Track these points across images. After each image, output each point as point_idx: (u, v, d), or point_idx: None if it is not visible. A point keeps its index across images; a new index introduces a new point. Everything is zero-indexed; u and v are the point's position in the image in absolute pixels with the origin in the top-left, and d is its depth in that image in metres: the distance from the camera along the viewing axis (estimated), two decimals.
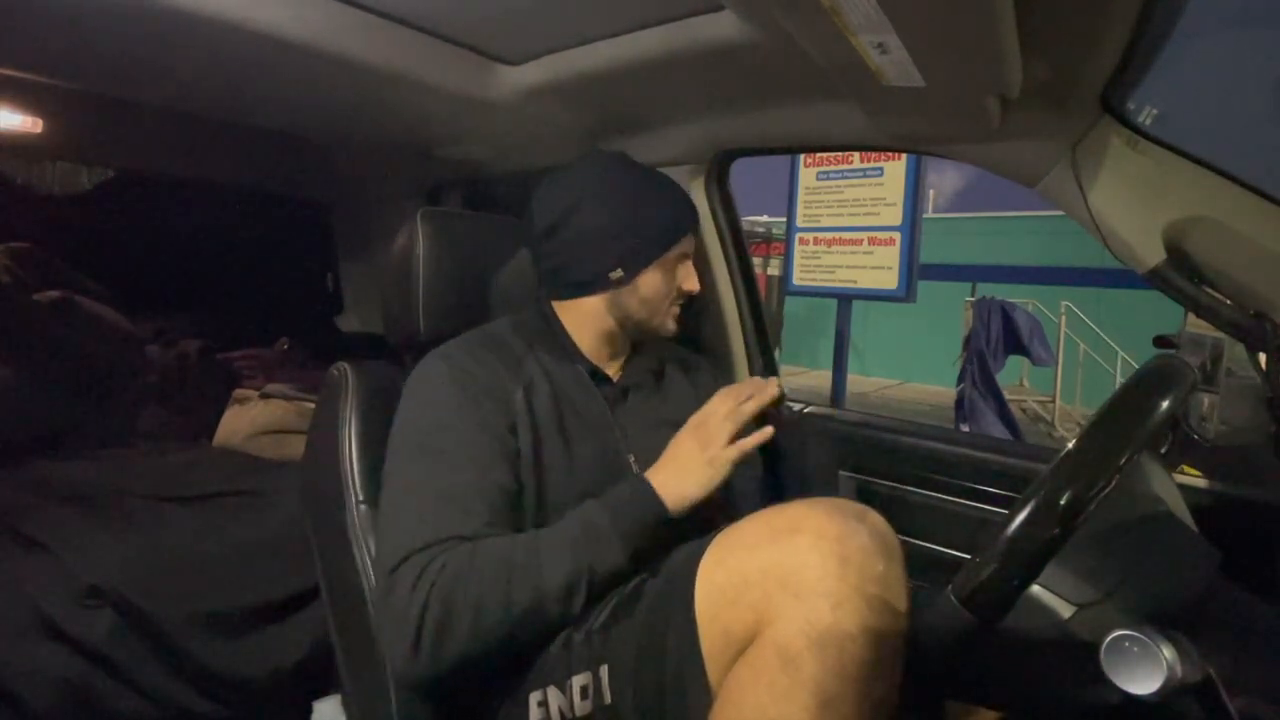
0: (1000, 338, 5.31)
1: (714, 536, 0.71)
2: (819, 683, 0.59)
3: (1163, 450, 0.93)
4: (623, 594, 0.77)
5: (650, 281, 0.95)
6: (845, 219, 4.28)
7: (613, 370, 0.99)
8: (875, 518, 0.68)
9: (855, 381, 7.64)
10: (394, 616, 0.74)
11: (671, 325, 0.99)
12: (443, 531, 0.76)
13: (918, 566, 1.11)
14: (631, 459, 0.93)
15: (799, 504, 0.69)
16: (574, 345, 0.97)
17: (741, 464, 0.86)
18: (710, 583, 0.67)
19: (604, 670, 0.71)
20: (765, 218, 9.39)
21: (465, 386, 0.85)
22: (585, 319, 0.97)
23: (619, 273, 0.93)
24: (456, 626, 0.72)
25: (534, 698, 0.74)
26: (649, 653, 0.69)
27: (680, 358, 1.09)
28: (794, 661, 0.60)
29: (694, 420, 0.87)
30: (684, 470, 0.83)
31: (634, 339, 1.00)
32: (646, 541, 0.79)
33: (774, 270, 8.34)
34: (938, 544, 1.14)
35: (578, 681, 0.72)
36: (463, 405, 0.84)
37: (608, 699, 0.71)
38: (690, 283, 0.99)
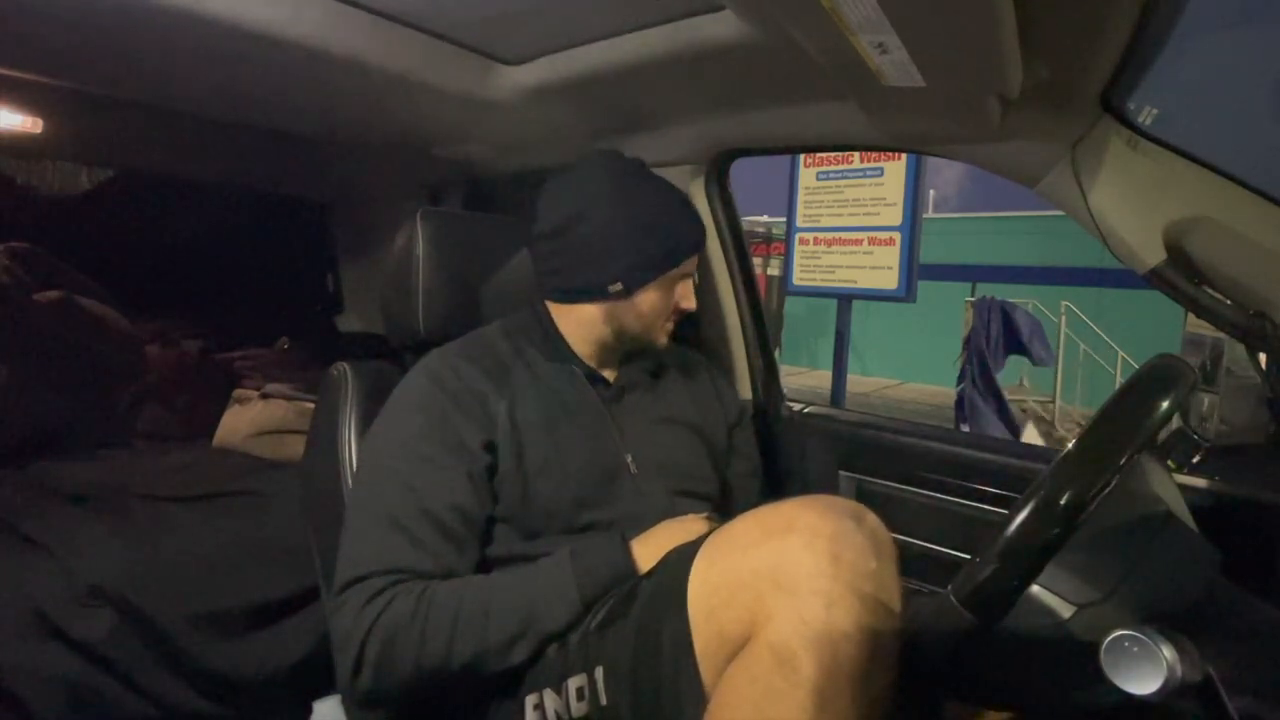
0: (1000, 338, 5.31)
1: (707, 536, 0.71)
2: (815, 682, 0.59)
3: (1195, 459, 0.92)
4: (618, 595, 0.77)
5: (649, 299, 0.94)
6: (845, 219, 4.28)
7: (608, 371, 0.99)
8: (868, 515, 0.68)
9: (855, 381, 7.65)
10: (339, 638, 0.77)
11: (664, 340, 0.98)
12: (390, 562, 0.77)
13: (918, 566, 1.12)
14: (629, 458, 0.93)
15: (791, 502, 0.69)
16: (568, 347, 0.96)
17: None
18: (704, 583, 0.67)
19: (599, 672, 0.72)
20: (765, 218, 9.39)
21: (440, 404, 0.85)
22: (580, 324, 0.96)
23: (618, 286, 0.92)
24: (397, 667, 0.74)
25: (530, 700, 0.74)
26: (643, 654, 0.69)
27: (677, 356, 1.09)
28: (790, 662, 0.60)
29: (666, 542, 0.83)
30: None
31: (628, 347, 0.99)
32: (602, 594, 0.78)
33: (774, 270, 8.33)
34: (938, 544, 1.14)
35: (573, 683, 0.73)
36: (432, 425, 0.84)
37: (603, 700, 0.71)
38: (688, 302, 0.97)
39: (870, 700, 0.61)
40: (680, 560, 0.71)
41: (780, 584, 0.62)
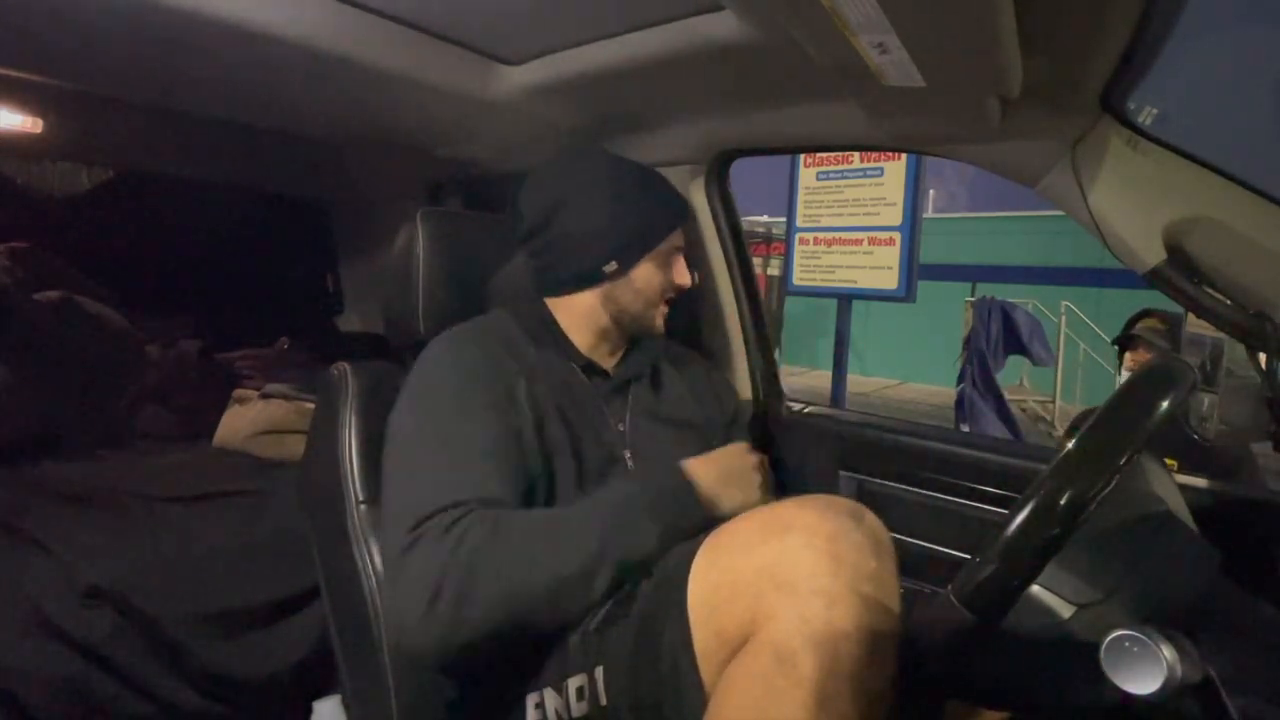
0: (1000, 338, 5.31)
1: (706, 536, 0.71)
2: (815, 681, 0.59)
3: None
4: (619, 595, 0.77)
5: (644, 274, 0.95)
6: (845, 219, 4.27)
7: (609, 366, 1.00)
8: (867, 514, 0.68)
9: (855, 381, 7.64)
10: (411, 576, 0.72)
11: (660, 323, 0.99)
12: (463, 494, 0.75)
13: (918, 566, 1.12)
14: (627, 454, 0.93)
15: (790, 502, 0.69)
16: (569, 342, 0.97)
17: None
18: (703, 582, 0.67)
19: (599, 671, 0.72)
20: (765, 218, 9.39)
21: (473, 365, 0.86)
22: (580, 315, 0.97)
23: (613, 265, 0.94)
24: (478, 594, 0.70)
25: (531, 700, 0.74)
26: (644, 654, 0.69)
27: (673, 353, 1.10)
28: (789, 660, 0.60)
29: (723, 465, 0.88)
30: (725, 491, 0.84)
31: (628, 334, 1.00)
32: (678, 537, 0.77)
33: (774, 270, 8.33)
34: (938, 544, 1.14)
35: (573, 683, 0.72)
36: (472, 380, 0.85)
37: (603, 700, 0.71)
38: (682, 277, 0.99)
39: (870, 698, 0.61)
40: (680, 560, 0.71)
41: (780, 583, 0.62)
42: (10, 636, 1.16)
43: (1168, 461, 0.95)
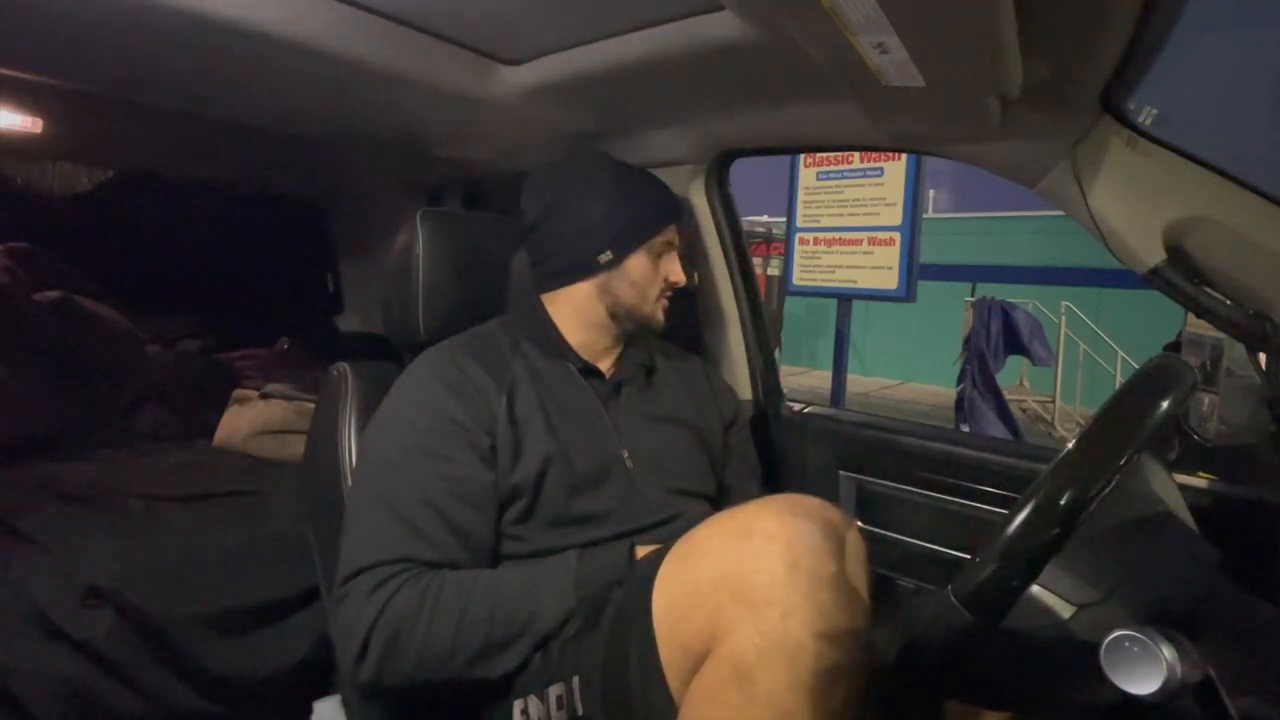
0: (1000, 338, 5.31)
1: (674, 543, 0.71)
2: (772, 696, 0.58)
3: (1171, 456, 0.93)
4: (590, 603, 0.76)
5: (638, 265, 0.96)
6: (845, 219, 4.27)
7: (605, 365, 1.00)
8: (832, 513, 0.67)
9: (855, 381, 7.64)
10: (342, 626, 0.76)
11: (660, 317, 1.00)
12: (396, 552, 0.77)
13: (918, 566, 1.12)
14: (625, 454, 0.93)
15: (753, 504, 0.68)
16: (564, 341, 0.97)
17: None
18: (667, 594, 0.67)
19: (575, 681, 0.72)
20: (765, 218, 9.39)
21: (441, 398, 0.86)
22: (575, 310, 0.97)
23: (608, 255, 0.94)
24: (402, 656, 0.74)
25: (517, 706, 0.75)
26: (613, 665, 0.69)
27: (671, 353, 1.10)
28: (747, 676, 0.59)
29: None
30: None
31: (625, 330, 1.00)
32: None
33: (774, 270, 8.33)
34: (938, 544, 1.14)
35: (554, 691, 0.73)
36: (433, 419, 0.84)
37: (579, 710, 0.71)
38: (676, 274, 0.99)
39: (833, 709, 0.60)
40: (646, 570, 0.71)
41: (737, 594, 0.61)
42: (10, 636, 1.16)
43: (1204, 475, 0.95)
